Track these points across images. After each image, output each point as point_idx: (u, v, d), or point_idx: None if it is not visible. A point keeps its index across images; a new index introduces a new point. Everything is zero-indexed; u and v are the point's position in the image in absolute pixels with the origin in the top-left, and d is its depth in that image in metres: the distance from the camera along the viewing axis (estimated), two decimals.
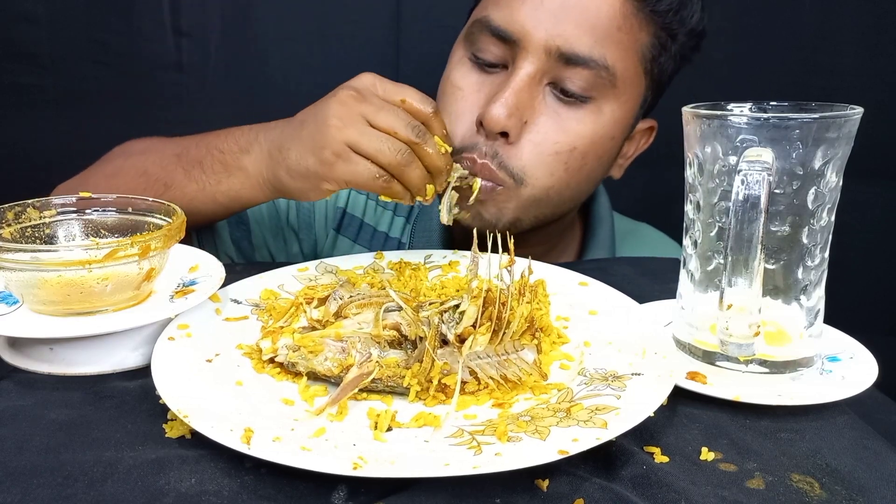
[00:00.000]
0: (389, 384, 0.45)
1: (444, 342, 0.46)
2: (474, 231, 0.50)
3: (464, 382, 0.45)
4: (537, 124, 0.68)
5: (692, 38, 0.75)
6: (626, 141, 0.77)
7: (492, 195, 0.69)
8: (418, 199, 0.62)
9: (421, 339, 0.46)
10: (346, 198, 0.89)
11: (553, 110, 0.68)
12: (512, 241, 0.49)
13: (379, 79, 0.62)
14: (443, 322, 0.46)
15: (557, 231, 0.83)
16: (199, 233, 0.81)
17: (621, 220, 0.92)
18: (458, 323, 0.46)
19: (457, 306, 0.47)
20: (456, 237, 0.82)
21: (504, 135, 0.67)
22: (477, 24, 0.70)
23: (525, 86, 0.67)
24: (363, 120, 0.58)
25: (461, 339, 0.46)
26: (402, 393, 0.45)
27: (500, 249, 0.48)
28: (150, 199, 0.54)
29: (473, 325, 0.46)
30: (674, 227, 1.00)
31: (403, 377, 0.44)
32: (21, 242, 0.51)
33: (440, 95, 0.74)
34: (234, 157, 0.66)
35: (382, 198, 0.61)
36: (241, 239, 0.85)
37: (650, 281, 0.66)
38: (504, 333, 0.46)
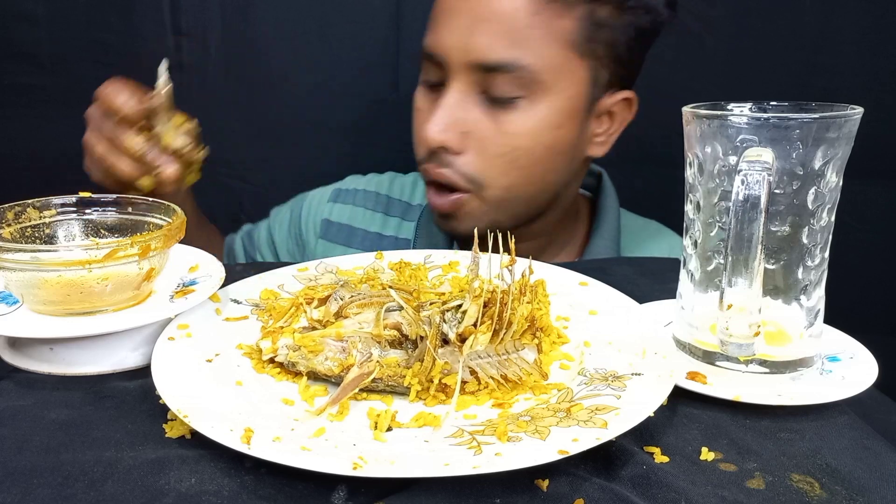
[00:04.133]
0: (390, 384, 0.45)
1: (445, 342, 0.46)
2: (475, 230, 0.50)
3: (464, 382, 0.45)
4: (476, 132, 0.73)
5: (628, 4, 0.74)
6: (593, 120, 0.78)
7: (461, 208, 0.76)
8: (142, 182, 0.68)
9: (422, 338, 0.46)
10: (329, 209, 0.96)
11: (489, 116, 0.73)
12: (513, 240, 0.49)
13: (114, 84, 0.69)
14: (444, 321, 0.46)
15: (554, 222, 0.85)
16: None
17: (632, 218, 0.93)
18: (459, 322, 0.46)
19: (458, 306, 0.47)
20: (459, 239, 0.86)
21: (444, 148, 0.73)
22: (421, 53, 0.77)
23: (455, 102, 0.73)
24: (88, 129, 0.71)
25: (462, 339, 0.46)
26: (403, 393, 0.45)
27: (501, 249, 0.48)
28: (150, 199, 0.54)
29: (474, 325, 0.46)
30: (674, 227, 1.00)
31: (404, 377, 0.44)
32: (21, 242, 0.51)
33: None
34: None
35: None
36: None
37: (650, 281, 0.66)
38: (505, 333, 0.46)
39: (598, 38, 0.73)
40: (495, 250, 0.48)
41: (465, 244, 0.87)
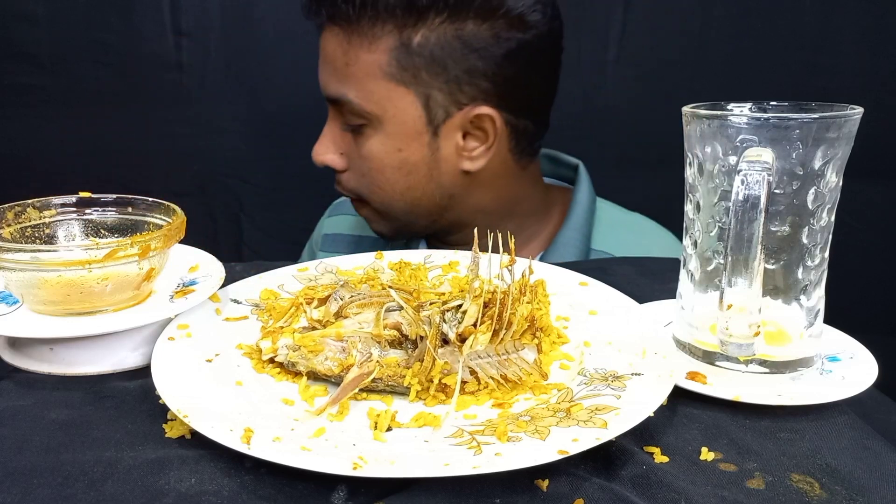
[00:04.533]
0: (390, 384, 0.45)
1: (445, 342, 0.46)
2: (475, 231, 0.50)
3: (464, 382, 0.45)
4: (349, 156, 0.83)
5: (442, 7, 0.74)
6: (450, 137, 0.79)
7: (360, 211, 0.87)
8: None
9: (422, 338, 0.46)
10: (327, 224, 1.03)
11: (353, 142, 0.82)
12: (513, 240, 0.49)
13: None
14: (444, 321, 0.46)
15: (511, 211, 0.88)
16: None
17: (616, 211, 0.94)
18: (459, 323, 0.46)
19: (458, 306, 0.47)
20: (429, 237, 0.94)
21: (330, 167, 0.83)
22: None
23: (330, 129, 0.83)
24: None
25: (462, 339, 0.46)
26: (403, 393, 0.45)
27: (501, 248, 0.48)
28: (150, 199, 0.54)
29: (474, 325, 0.46)
30: (674, 227, 1.00)
31: (404, 377, 0.44)
32: (21, 242, 0.51)
33: None
34: None
35: None
36: None
37: (650, 281, 0.66)
38: (505, 333, 0.46)
39: (416, 64, 0.76)
40: (495, 251, 0.48)
41: (440, 237, 0.91)
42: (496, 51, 0.76)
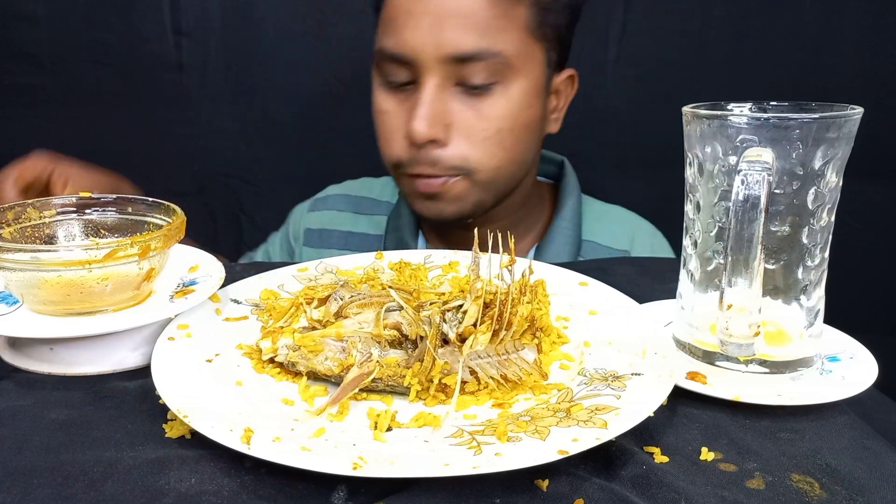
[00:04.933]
0: (390, 384, 0.45)
1: (445, 342, 0.46)
2: (475, 231, 0.50)
3: (464, 382, 0.45)
4: (460, 122, 0.77)
5: None
6: (548, 98, 0.84)
7: (449, 190, 0.79)
8: None
9: (422, 338, 0.46)
10: (309, 219, 1.01)
11: (467, 106, 0.77)
12: (513, 240, 0.49)
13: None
14: (444, 321, 0.46)
15: (515, 205, 0.89)
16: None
17: (598, 203, 0.98)
18: (459, 323, 0.46)
19: (459, 306, 0.47)
20: (424, 228, 0.93)
21: (433, 142, 0.76)
22: (379, 55, 0.80)
23: (434, 97, 0.76)
24: None
25: (462, 339, 0.46)
26: (403, 393, 0.45)
27: (501, 248, 0.48)
28: (150, 199, 0.54)
29: (474, 325, 0.46)
30: (674, 227, 1.00)
31: (404, 376, 0.44)
32: (21, 242, 0.51)
33: (375, 123, 0.83)
34: None
35: None
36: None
37: (650, 281, 0.66)
38: (505, 334, 0.46)
39: (546, 22, 0.79)
40: (494, 250, 0.48)
41: (433, 234, 0.92)
42: (576, 18, 0.82)
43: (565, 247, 0.89)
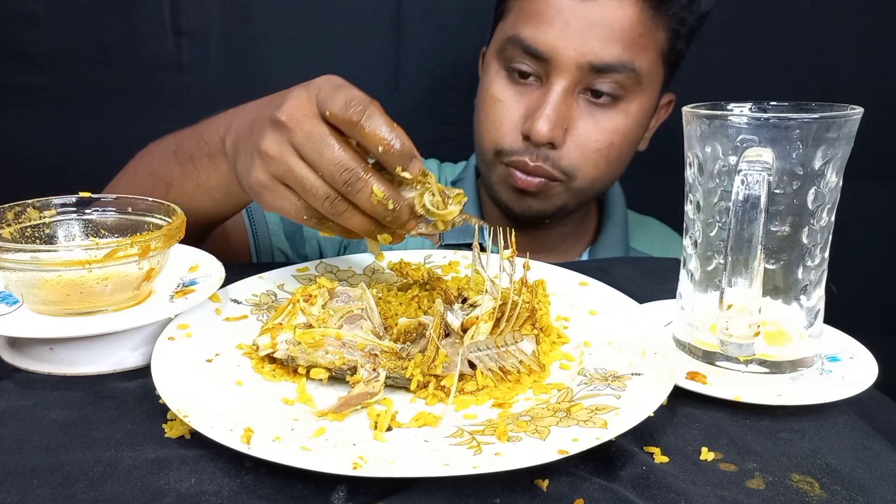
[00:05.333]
0: (392, 375, 0.45)
1: (447, 335, 0.46)
2: (475, 229, 0.50)
3: (462, 380, 0.45)
4: (577, 128, 0.78)
5: (701, 19, 0.81)
6: (651, 118, 0.85)
7: (544, 190, 0.80)
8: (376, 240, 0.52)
9: (424, 328, 0.46)
10: None
11: (588, 114, 0.78)
12: (513, 234, 0.49)
13: (344, 89, 0.49)
14: (450, 312, 0.46)
15: (583, 211, 0.91)
16: (255, 233, 0.86)
17: (633, 213, 1.00)
18: (466, 316, 0.46)
19: (473, 304, 0.48)
20: (486, 217, 0.91)
21: (550, 143, 0.77)
22: (510, 42, 0.78)
23: (561, 100, 0.76)
24: (293, 150, 0.49)
25: (464, 330, 0.46)
26: (404, 386, 0.45)
27: (501, 245, 0.48)
28: (150, 199, 0.54)
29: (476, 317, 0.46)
30: (674, 228, 1.00)
31: (406, 368, 0.44)
32: (21, 242, 0.51)
33: (481, 106, 0.83)
34: (217, 149, 0.63)
35: (323, 234, 0.53)
36: (293, 233, 0.88)
37: (650, 281, 0.66)
38: (506, 325, 0.46)
39: (675, 48, 0.81)
40: (496, 246, 0.48)
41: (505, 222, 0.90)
42: (692, 40, 0.82)
43: (617, 252, 0.90)
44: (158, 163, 0.71)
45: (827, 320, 0.50)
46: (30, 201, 0.52)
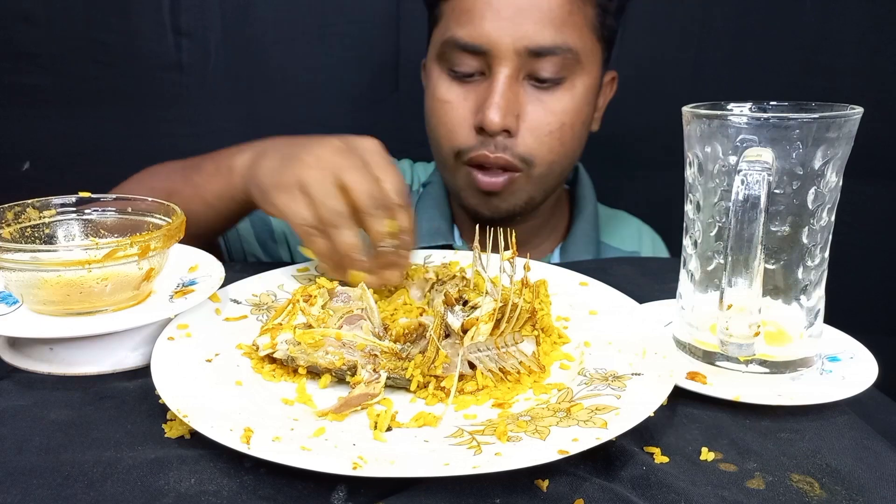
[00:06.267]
0: (392, 376, 0.45)
1: (447, 336, 0.46)
2: (476, 229, 0.50)
3: (461, 380, 0.45)
4: (528, 115, 0.78)
5: None
6: (597, 97, 0.86)
7: (508, 187, 0.80)
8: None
9: (425, 329, 0.46)
10: None
11: (536, 99, 0.78)
12: (514, 236, 0.49)
13: (378, 149, 0.59)
14: (451, 312, 0.46)
15: (552, 204, 0.91)
16: (225, 239, 0.88)
17: (605, 208, 1.00)
18: (466, 317, 0.46)
19: (474, 307, 0.48)
20: (458, 221, 0.92)
21: (505, 131, 0.77)
22: (447, 45, 0.79)
23: (507, 87, 0.76)
24: (331, 172, 0.55)
25: (465, 330, 0.46)
26: (404, 386, 0.45)
27: (501, 245, 0.48)
28: (150, 199, 0.54)
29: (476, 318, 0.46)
30: (674, 228, 1.00)
31: (406, 368, 0.44)
32: (21, 242, 0.51)
33: (431, 113, 0.83)
34: (227, 158, 0.68)
35: (302, 249, 0.57)
36: (266, 240, 0.91)
37: (650, 281, 0.66)
38: (506, 326, 0.46)
39: (605, 23, 0.81)
40: (496, 246, 0.48)
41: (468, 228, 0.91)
42: (620, 14, 0.83)
43: (588, 247, 0.90)
44: (161, 180, 0.75)
45: (827, 320, 0.50)
46: (30, 201, 0.52)
